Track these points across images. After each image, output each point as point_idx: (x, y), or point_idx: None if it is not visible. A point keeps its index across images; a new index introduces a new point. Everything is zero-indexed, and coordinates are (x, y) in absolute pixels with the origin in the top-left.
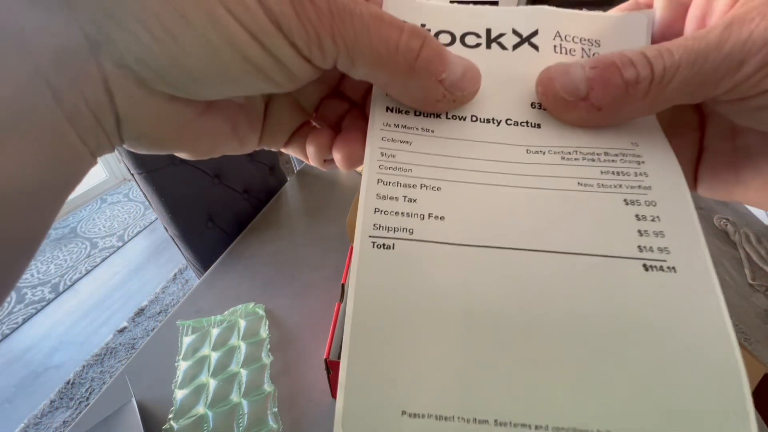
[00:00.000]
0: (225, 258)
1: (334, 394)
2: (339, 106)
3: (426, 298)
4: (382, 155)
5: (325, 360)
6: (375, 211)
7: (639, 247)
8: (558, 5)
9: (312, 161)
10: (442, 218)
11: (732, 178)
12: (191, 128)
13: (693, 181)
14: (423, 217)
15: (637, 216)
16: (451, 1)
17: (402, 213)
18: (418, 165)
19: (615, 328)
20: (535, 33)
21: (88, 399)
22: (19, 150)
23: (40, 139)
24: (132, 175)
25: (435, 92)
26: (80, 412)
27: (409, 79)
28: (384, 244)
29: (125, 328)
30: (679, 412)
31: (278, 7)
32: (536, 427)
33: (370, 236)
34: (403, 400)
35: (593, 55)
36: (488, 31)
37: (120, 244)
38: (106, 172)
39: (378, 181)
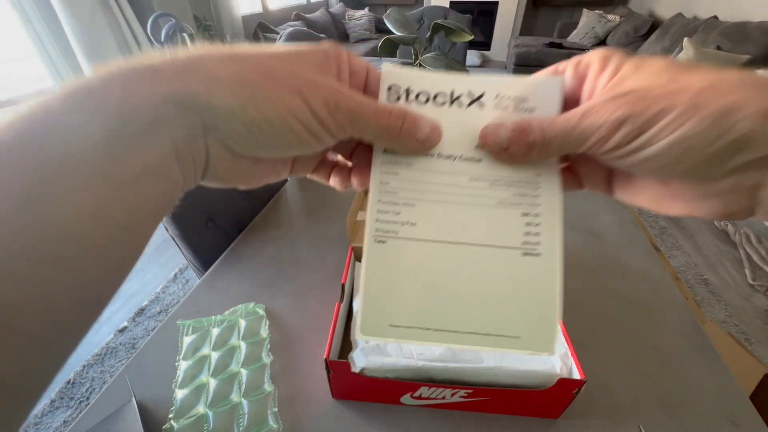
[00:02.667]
0: (225, 258)
1: (334, 394)
2: (350, 142)
3: (403, 271)
4: (381, 183)
5: (325, 360)
6: (376, 221)
7: (524, 241)
8: (560, 5)
9: (336, 187)
10: (414, 224)
11: (631, 191)
12: (247, 172)
13: (609, 190)
14: (403, 224)
15: (527, 223)
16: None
17: (391, 221)
18: (402, 189)
19: (495, 287)
20: (483, 95)
21: (88, 399)
22: (158, 187)
23: (167, 182)
24: None
25: (413, 145)
26: (80, 412)
27: (396, 142)
28: (381, 240)
29: (125, 327)
30: (516, 329)
31: (323, 114)
32: (454, 331)
33: (373, 235)
34: (390, 319)
35: (521, 108)
36: (452, 93)
37: None
38: None
39: (378, 201)
